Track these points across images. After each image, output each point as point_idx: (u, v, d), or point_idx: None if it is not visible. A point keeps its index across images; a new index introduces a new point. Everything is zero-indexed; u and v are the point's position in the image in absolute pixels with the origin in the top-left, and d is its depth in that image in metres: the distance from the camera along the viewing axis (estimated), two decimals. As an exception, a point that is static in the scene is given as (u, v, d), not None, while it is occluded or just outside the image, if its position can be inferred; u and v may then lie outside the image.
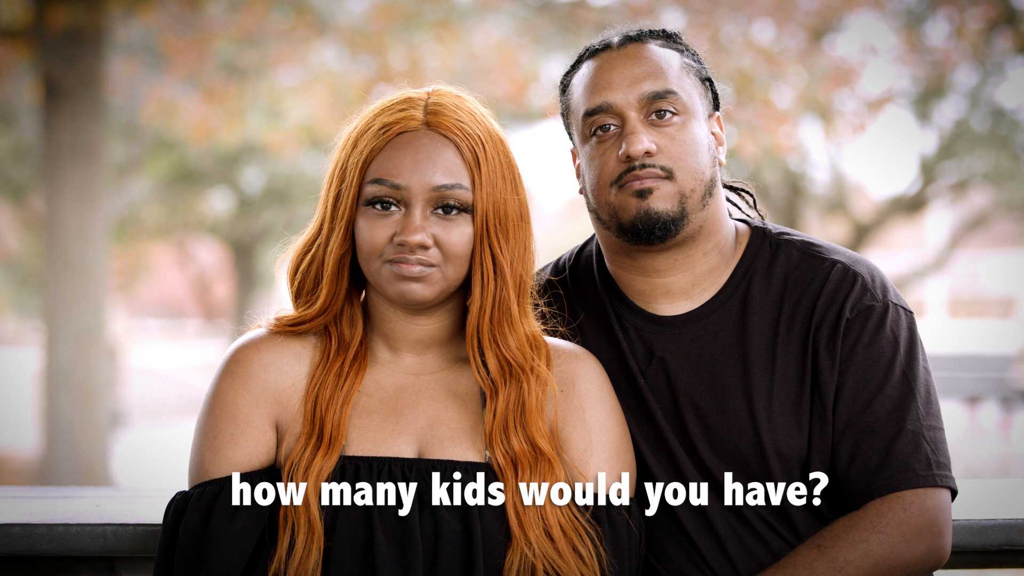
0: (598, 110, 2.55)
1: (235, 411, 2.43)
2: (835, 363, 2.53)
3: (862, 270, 2.59)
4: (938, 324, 25.20)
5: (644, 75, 2.55)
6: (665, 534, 2.57)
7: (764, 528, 2.55)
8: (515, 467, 2.40)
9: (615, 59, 2.58)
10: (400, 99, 2.45)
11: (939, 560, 2.49)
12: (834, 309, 2.55)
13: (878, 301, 2.56)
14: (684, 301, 2.63)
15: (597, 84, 2.57)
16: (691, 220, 2.55)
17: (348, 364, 2.45)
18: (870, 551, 2.45)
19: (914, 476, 2.47)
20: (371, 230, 2.39)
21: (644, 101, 2.54)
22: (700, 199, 2.56)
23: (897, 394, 2.51)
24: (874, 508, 2.47)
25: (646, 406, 2.58)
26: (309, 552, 2.33)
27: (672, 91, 2.55)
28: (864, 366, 2.52)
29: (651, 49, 2.59)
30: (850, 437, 2.51)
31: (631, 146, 2.51)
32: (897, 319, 2.56)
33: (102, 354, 11.30)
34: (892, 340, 2.54)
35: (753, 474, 2.54)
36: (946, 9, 12.96)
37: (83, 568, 2.86)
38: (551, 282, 2.70)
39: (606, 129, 2.56)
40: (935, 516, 2.48)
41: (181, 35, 12.24)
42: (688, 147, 2.54)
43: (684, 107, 2.56)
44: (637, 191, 2.52)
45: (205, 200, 18.84)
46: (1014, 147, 14.28)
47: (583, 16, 12.69)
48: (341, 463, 2.39)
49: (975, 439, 15.49)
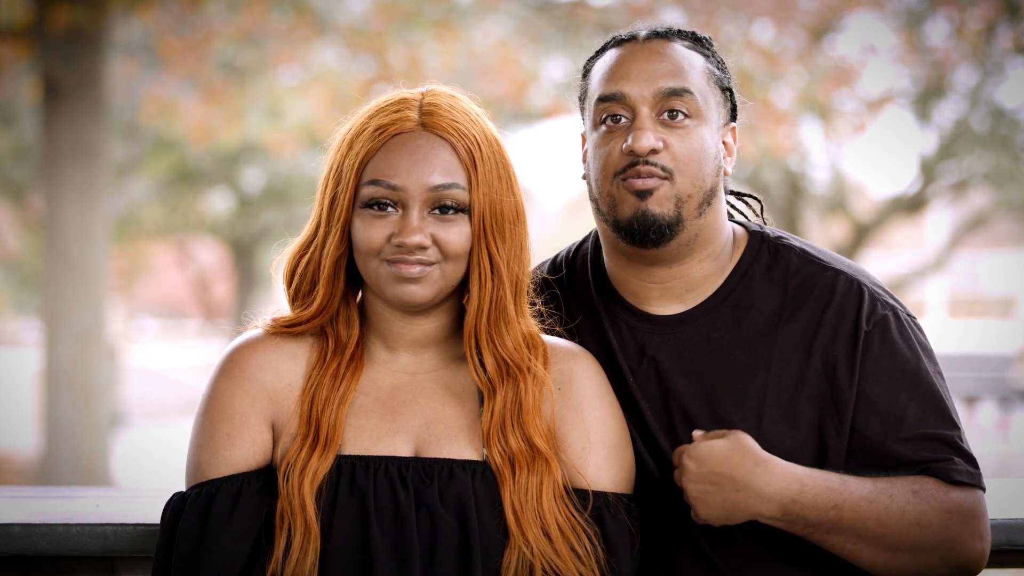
0: (611, 98, 2.55)
1: (231, 412, 2.43)
2: (854, 376, 2.51)
3: (864, 280, 2.59)
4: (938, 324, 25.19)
5: (664, 72, 2.54)
6: (665, 531, 2.57)
7: (752, 528, 2.54)
8: (512, 466, 2.40)
9: (638, 51, 2.58)
10: (395, 100, 2.44)
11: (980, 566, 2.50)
12: (848, 323, 2.54)
13: (889, 310, 2.56)
14: (678, 303, 2.63)
15: (615, 73, 2.56)
16: (687, 227, 2.54)
17: (345, 365, 2.45)
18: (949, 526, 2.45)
19: (967, 474, 2.48)
20: (368, 231, 2.39)
21: (659, 97, 2.53)
22: (697, 206, 2.55)
23: (928, 400, 2.52)
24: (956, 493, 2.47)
25: (635, 405, 2.58)
26: (305, 553, 2.33)
27: (688, 90, 2.54)
28: (888, 378, 2.52)
29: (676, 48, 2.58)
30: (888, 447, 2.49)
31: (636, 141, 2.50)
32: (912, 326, 2.58)
33: (102, 354, 11.31)
34: (912, 347, 2.55)
35: None
36: (946, 9, 12.96)
37: (83, 568, 2.86)
38: (548, 280, 2.69)
39: (617, 120, 2.55)
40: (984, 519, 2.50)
41: (181, 35, 12.24)
42: (693, 152, 2.53)
43: (697, 110, 2.55)
44: (638, 191, 2.52)
45: (205, 200, 18.84)
46: (1014, 147, 14.28)
47: (583, 16, 12.69)
48: (338, 462, 2.39)
49: (974, 439, 15.45)
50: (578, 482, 2.45)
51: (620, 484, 2.48)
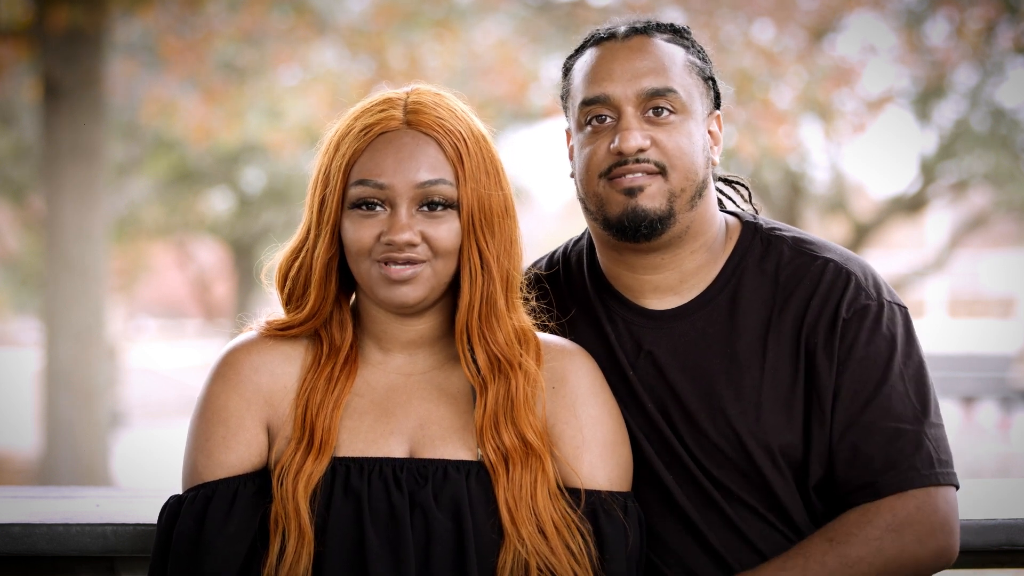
0: (595, 100, 2.54)
1: (226, 414, 2.43)
2: (833, 364, 2.52)
3: (855, 268, 2.58)
4: (938, 324, 25.19)
5: (645, 70, 2.54)
6: (667, 524, 2.57)
7: (763, 523, 2.55)
8: (506, 463, 2.40)
9: (618, 50, 2.57)
10: (379, 100, 2.44)
11: (949, 559, 2.49)
12: (829, 309, 2.54)
13: (873, 300, 2.55)
14: (673, 296, 2.62)
15: (597, 74, 2.56)
16: (678, 220, 2.54)
17: (339, 368, 2.45)
18: (883, 550, 2.44)
19: (920, 475, 2.46)
20: (358, 231, 2.38)
21: (642, 97, 2.53)
22: (689, 199, 2.55)
23: (895, 393, 2.50)
24: (887, 506, 2.46)
25: (637, 398, 2.58)
26: (299, 557, 2.33)
27: (672, 89, 2.53)
28: (862, 366, 2.51)
29: (656, 43, 2.57)
30: (850, 438, 2.49)
31: (623, 142, 2.50)
32: (893, 317, 2.56)
33: (102, 354, 11.30)
34: (889, 339, 2.53)
35: (741, 469, 2.54)
36: (946, 9, 12.96)
37: (83, 568, 2.86)
38: (541, 276, 2.69)
39: (602, 120, 2.55)
40: (945, 516, 2.47)
41: (181, 35, 12.24)
42: (682, 147, 2.53)
43: (682, 106, 2.54)
44: (627, 188, 2.52)
45: (205, 200, 18.84)
46: (1014, 147, 14.28)
47: (583, 16, 12.69)
48: (332, 464, 2.39)
49: (974, 439, 15.49)
50: (572, 480, 2.44)
51: (615, 482, 2.47)
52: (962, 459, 13.35)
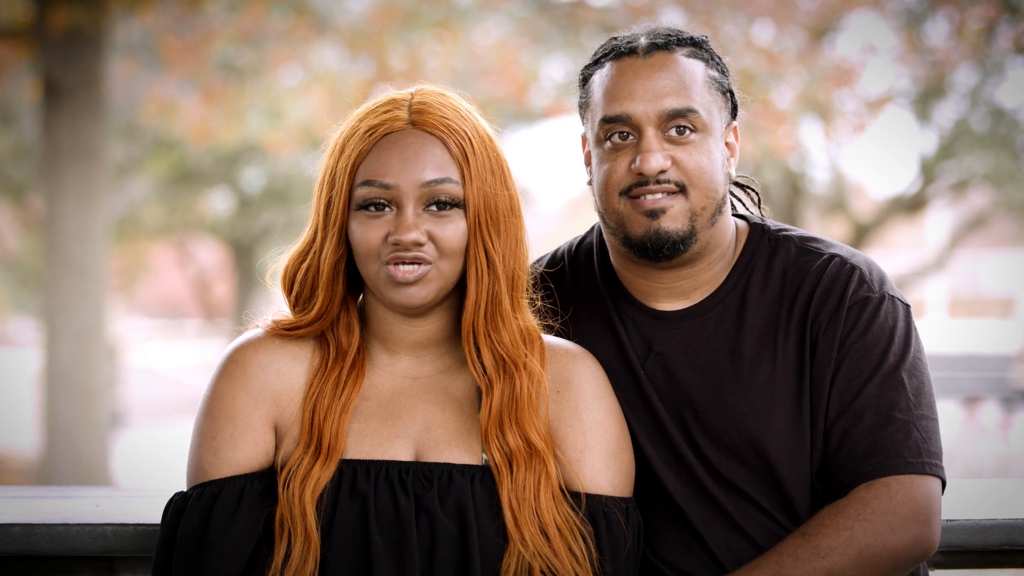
0: (616, 119, 2.54)
1: (234, 412, 2.43)
2: (832, 353, 2.53)
3: (859, 263, 2.60)
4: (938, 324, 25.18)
5: (667, 90, 2.53)
6: (665, 526, 2.58)
7: (767, 519, 2.55)
8: (511, 464, 2.40)
9: (640, 68, 2.56)
10: (384, 101, 2.44)
11: (926, 550, 2.47)
12: (832, 300, 2.56)
13: (875, 292, 2.57)
14: (684, 300, 2.64)
15: (619, 91, 2.55)
16: (699, 238, 2.56)
17: (346, 373, 2.45)
18: (854, 538, 2.43)
19: (902, 463, 2.46)
20: (365, 232, 2.38)
21: (663, 117, 2.53)
22: (710, 217, 2.56)
23: (888, 383, 2.51)
24: (859, 494, 2.46)
25: (646, 399, 2.58)
26: (305, 561, 2.33)
27: (693, 109, 2.53)
28: (858, 355, 2.53)
29: (677, 60, 2.57)
30: (840, 424, 2.51)
31: (644, 163, 2.51)
32: (893, 310, 2.57)
33: (102, 354, 11.31)
34: (887, 330, 2.54)
35: (753, 468, 2.54)
36: (946, 9, 12.96)
37: (83, 568, 2.86)
38: (545, 275, 2.69)
39: (624, 137, 2.55)
40: (923, 504, 2.46)
41: (181, 35, 12.24)
42: (703, 166, 2.54)
43: (703, 125, 2.55)
44: (648, 211, 2.52)
45: (205, 200, 18.84)
46: (1014, 147, 14.28)
47: (583, 16, 12.70)
48: (339, 467, 2.39)
49: (975, 439, 15.48)
50: (574, 484, 2.45)
51: (617, 487, 2.48)
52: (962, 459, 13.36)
